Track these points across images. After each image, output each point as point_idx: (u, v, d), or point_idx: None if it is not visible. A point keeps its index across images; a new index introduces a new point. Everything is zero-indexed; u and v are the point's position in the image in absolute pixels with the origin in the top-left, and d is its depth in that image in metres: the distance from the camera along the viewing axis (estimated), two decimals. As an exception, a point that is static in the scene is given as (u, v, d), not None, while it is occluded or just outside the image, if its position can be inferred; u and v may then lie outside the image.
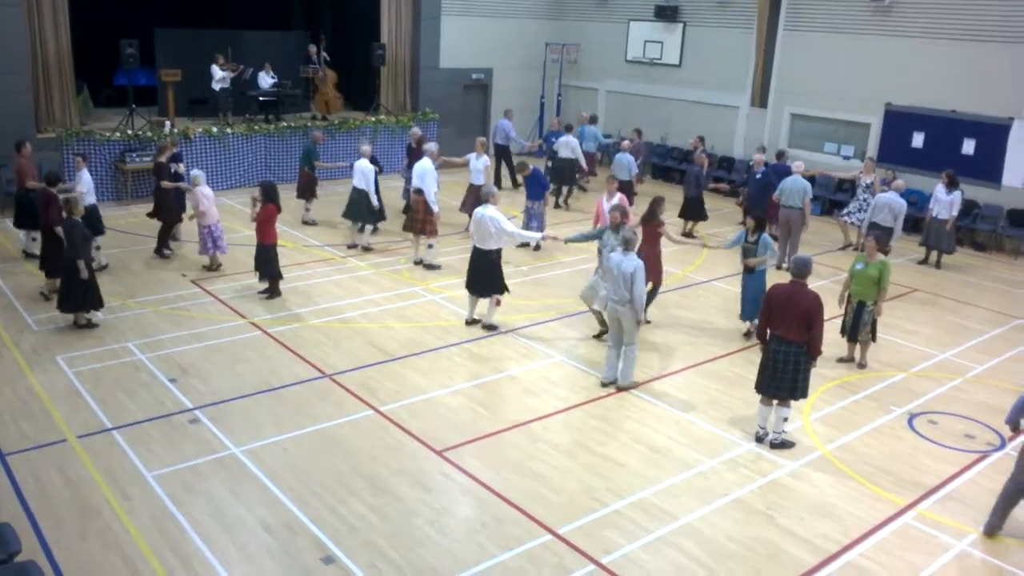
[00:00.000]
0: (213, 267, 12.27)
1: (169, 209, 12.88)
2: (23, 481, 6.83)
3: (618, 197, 11.55)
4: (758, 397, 8.21)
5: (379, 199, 13.41)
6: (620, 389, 8.96)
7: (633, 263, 8.61)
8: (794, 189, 13.35)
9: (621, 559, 6.22)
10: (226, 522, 6.44)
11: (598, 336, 10.29)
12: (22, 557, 5.16)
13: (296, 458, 7.39)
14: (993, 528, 6.71)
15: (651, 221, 10.66)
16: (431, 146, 13.44)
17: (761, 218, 10.55)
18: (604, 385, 9.05)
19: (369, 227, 13.59)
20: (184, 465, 7.18)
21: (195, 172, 12.32)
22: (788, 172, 13.85)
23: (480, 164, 14.38)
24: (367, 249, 13.52)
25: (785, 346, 7.62)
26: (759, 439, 8.05)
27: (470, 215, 14.07)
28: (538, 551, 6.27)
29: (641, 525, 6.64)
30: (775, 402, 7.90)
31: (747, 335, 10.50)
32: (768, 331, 7.78)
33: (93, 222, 11.47)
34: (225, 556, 6.06)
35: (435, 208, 12.52)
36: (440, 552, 6.21)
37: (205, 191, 11.97)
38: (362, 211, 13.43)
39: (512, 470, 7.37)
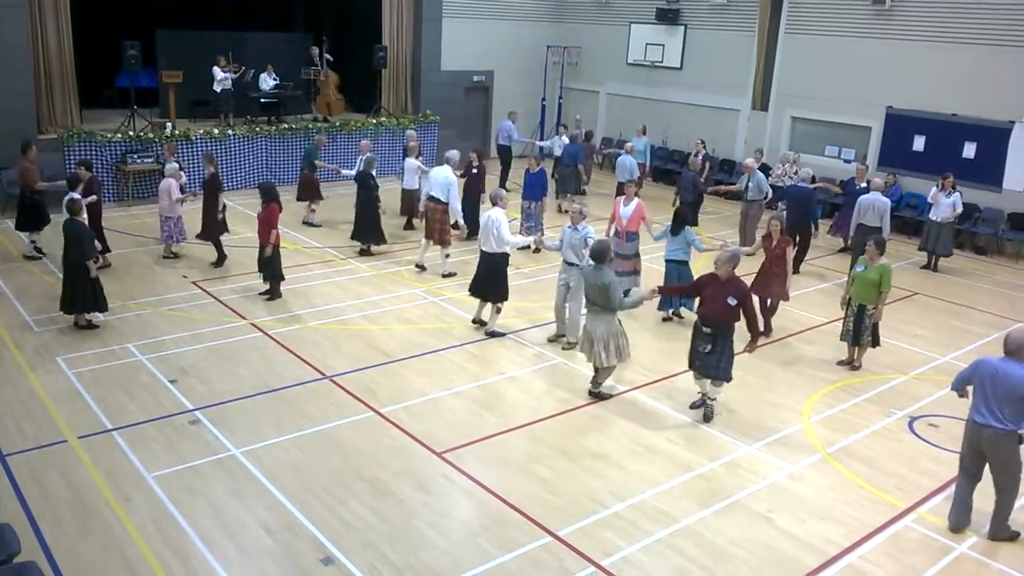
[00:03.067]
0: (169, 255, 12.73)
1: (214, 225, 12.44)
2: (23, 482, 6.83)
3: (636, 203, 11.53)
4: (759, 401, 8.23)
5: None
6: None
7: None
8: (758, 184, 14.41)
9: (621, 561, 6.21)
10: (226, 523, 6.44)
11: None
12: (22, 558, 5.16)
13: (296, 459, 7.39)
14: (958, 522, 6.77)
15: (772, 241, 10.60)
16: (453, 154, 13.34)
17: (681, 211, 11.26)
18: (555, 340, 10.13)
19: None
20: (184, 466, 7.18)
21: (170, 165, 12.64)
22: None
23: (413, 165, 14.44)
24: None
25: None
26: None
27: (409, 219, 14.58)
28: (538, 553, 6.27)
29: (641, 527, 6.63)
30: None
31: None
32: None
33: None
34: (225, 557, 6.05)
35: (459, 219, 12.58)
36: (440, 554, 6.21)
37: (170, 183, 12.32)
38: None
39: (512, 472, 7.36)
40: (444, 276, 12.60)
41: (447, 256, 12.71)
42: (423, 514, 6.69)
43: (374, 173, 13.49)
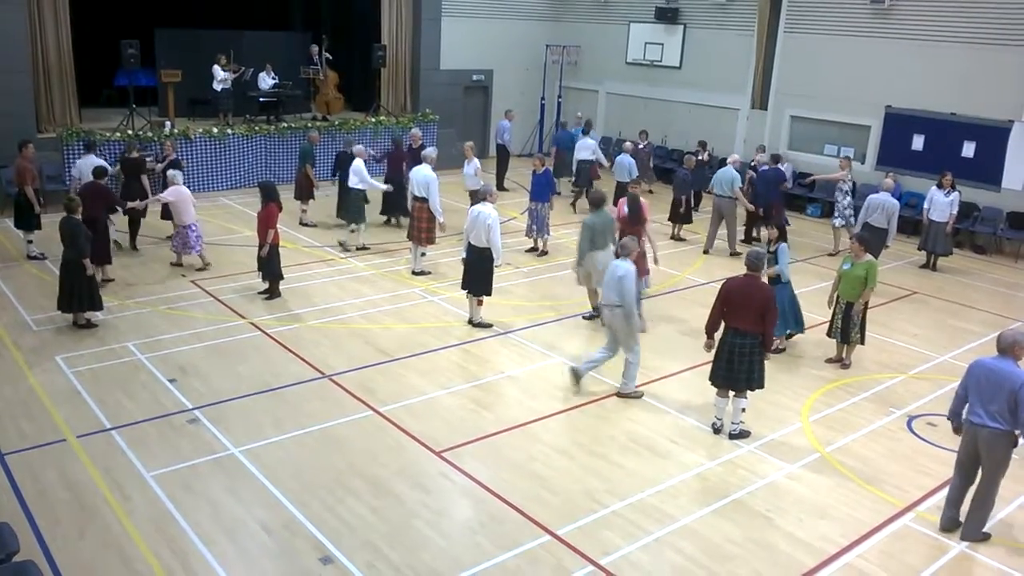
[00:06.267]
0: (203, 266, 12.30)
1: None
2: (22, 481, 6.83)
3: (641, 201, 11.50)
4: (757, 400, 8.23)
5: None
6: (619, 395, 8.87)
7: (623, 268, 8.53)
8: (724, 179, 14.31)
9: (620, 560, 6.22)
10: (225, 522, 6.44)
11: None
12: (20, 557, 5.15)
13: (295, 458, 7.39)
14: (949, 524, 6.78)
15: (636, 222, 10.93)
16: (430, 151, 13.26)
17: (782, 227, 10.37)
18: (576, 374, 8.92)
19: (361, 226, 13.71)
20: (183, 465, 7.18)
21: (172, 172, 12.53)
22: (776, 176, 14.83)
23: (471, 170, 14.38)
24: (361, 248, 13.66)
25: (741, 338, 7.76)
26: (716, 430, 8.16)
27: None
28: (537, 552, 6.27)
29: (640, 526, 6.64)
30: (732, 394, 8.01)
31: (778, 351, 9.96)
32: (723, 324, 7.93)
33: None
34: (224, 556, 6.05)
35: (440, 218, 12.33)
36: (439, 553, 6.21)
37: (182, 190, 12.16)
38: (353, 210, 13.59)
39: (511, 471, 7.37)
40: (415, 274, 12.49)
41: (423, 255, 12.67)
42: (422, 513, 6.69)
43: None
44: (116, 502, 6.61)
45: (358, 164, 13.42)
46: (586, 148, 17.23)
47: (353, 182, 13.36)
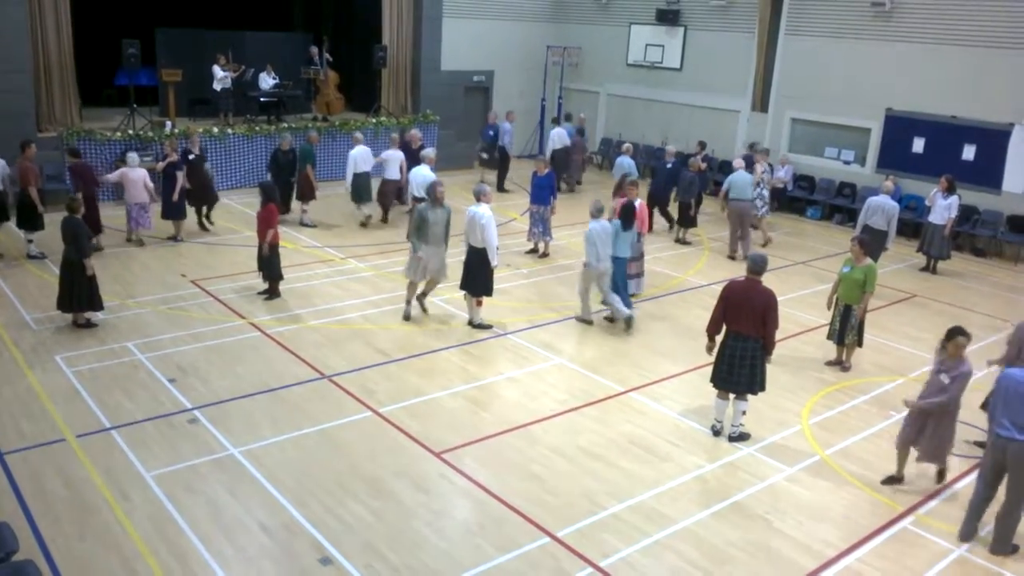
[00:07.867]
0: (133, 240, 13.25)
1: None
2: (21, 480, 6.83)
3: (638, 203, 11.53)
4: (757, 402, 8.22)
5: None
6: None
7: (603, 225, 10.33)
8: (743, 183, 14.09)
9: (619, 562, 6.21)
10: (224, 523, 6.44)
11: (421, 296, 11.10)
12: (20, 556, 5.15)
13: (294, 459, 7.38)
14: (969, 534, 6.73)
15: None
16: (429, 152, 13.25)
17: (628, 209, 10.88)
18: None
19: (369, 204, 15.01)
20: (183, 465, 7.18)
21: (130, 154, 13.27)
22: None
23: (389, 155, 15.07)
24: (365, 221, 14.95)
25: (742, 341, 7.76)
26: (716, 432, 8.17)
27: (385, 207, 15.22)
28: (536, 554, 6.27)
29: (639, 528, 6.63)
30: (732, 396, 8.02)
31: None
32: (724, 327, 7.93)
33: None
34: (223, 556, 6.05)
35: None
36: (438, 554, 6.21)
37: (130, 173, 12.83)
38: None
39: (510, 472, 7.36)
40: None
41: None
42: (421, 514, 6.68)
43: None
44: (115, 502, 6.60)
45: (362, 151, 14.71)
46: (561, 137, 18.47)
47: (361, 167, 14.69)
